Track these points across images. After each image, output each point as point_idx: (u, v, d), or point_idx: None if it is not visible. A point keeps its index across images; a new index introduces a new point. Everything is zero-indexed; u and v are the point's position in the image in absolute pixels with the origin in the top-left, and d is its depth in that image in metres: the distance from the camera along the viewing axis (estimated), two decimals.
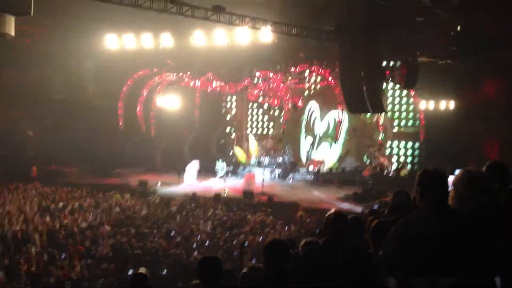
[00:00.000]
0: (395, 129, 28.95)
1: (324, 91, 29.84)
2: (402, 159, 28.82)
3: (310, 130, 32.01)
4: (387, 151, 28.92)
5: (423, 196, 3.25)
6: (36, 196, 21.61)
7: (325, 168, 29.71)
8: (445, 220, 3.11)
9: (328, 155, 30.39)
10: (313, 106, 31.77)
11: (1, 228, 14.81)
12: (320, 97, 30.88)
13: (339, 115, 28.09)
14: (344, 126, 29.30)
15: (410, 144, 28.75)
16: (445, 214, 3.15)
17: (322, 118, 31.41)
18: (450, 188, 3.39)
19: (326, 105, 30.55)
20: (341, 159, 30.35)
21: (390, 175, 27.07)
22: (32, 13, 14.43)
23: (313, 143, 31.47)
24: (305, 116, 32.04)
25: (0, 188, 23.72)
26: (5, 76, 35.96)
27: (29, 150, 31.08)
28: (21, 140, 31.94)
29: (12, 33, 14.96)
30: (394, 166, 28.17)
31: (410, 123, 28.81)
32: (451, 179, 3.45)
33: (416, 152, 28.44)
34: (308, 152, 31.36)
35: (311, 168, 30.05)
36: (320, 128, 31.54)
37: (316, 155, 30.99)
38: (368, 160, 28.39)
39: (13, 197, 21.14)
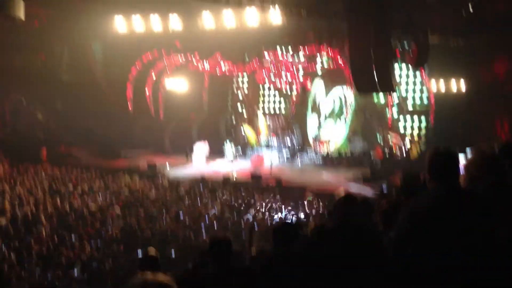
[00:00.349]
0: (407, 107, 28.77)
1: (329, 69, 29.62)
2: (414, 134, 28.64)
3: (316, 109, 31.87)
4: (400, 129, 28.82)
5: (433, 176, 3.18)
6: (46, 178, 21.74)
7: (331, 147, 29.66)
8: (455, 200, 3.05)
9: (334, 134, 30.27)
10: (318, 83, 31.55)
11: (12, 210, 14.93)
12: (325, 75, 30.65)
13: (345, 92, 27.90)
14: (351, 104, 29.05)
15: (420, 121, 28.59)
16: (456, 194, 3.09)
17: (326, 95, 31.23)
18: (462, 168, 3.32)
19: (331, 82, 30.39)
20: (349, 140, 30.20)
21: (401, 155, 26.90)
22: None
23: (319, 122, 31.34)
24: (310, 95, 31.89)
25: (10, 170, 23.91)
26: (14, 59, 35.99)
27: (39, 132, 31.21)
28: (30, 122, 32.08)
29: (22, 16, 14.93)
30: (405, 145, 27.97)
31: (419, 102, 28.58)
32: (461, 158, 3.38)
33: (425, 132, 28.22)
34: (315, 133, 31.24)
35: (318, 148, 29.98)
36: (325, 106, 31.38)
37: (323, 135, 30.89)
38: (380, 138, 28.18)
39: (23, 179, 21.30)
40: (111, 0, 23.40)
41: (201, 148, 28.52)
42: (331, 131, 30.62)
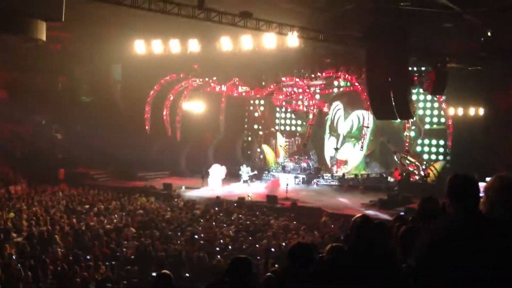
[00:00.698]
0: (426, 126, 28.78)
1: (349, 91, 29.74)
2: (431, 158, 28.58)
3: (334, 130, 31.94)
4: (418, 149, 28.77)
5: (453, 202, 3.19)
6: (63, 198, 21.92)
7: (349, 168, 29.61)
8: (475, 225, 3.05)
9: (352, 155, 30.22)
10: (337, 106, 31.69)
11: (28, 228, 15.06)
12: (345, 97, 30.75)
13: (364, 115, 27.92)
14: (368, 124, 29.02)
15: (438, 145, 28.59)
16: (476, 219, 3.09)
17: (346, 117, 31.34)
18: (481, 194, 3.32)
19: (350, 105, 30.52)
20: (366, 163, 30.18)
21: (418, 179, 26.75)
22: (63, 19, 14.70)
23: (336, 144, 31.41)
24: (329, 116, 31.98)
25: (28, 190, 24.18)
26: (35, 80, 36.66)
27: (57, 153, 31.58)
28: (49, 143, 32.49)
29: (44, 38, 15.27)
30: (421, 171, 27.81)
31: (437, 125, 28.61)
32: (481, 185, 3.38)
33: (442, 150, 28.15)
34: (332, 155, 31.25)
35: (335, 170, 30.00)
36: (343, 128, 31.47)
37: (340, 156, 30.91)
38: (398, 161, 28.10)
39: (40, 198, 21.50)
40: (132, 24, 23.75)
41: (217, 170, 28.59)
42: (348, 152, 30.63)
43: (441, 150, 28.69)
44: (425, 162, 28.02)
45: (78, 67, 35.10)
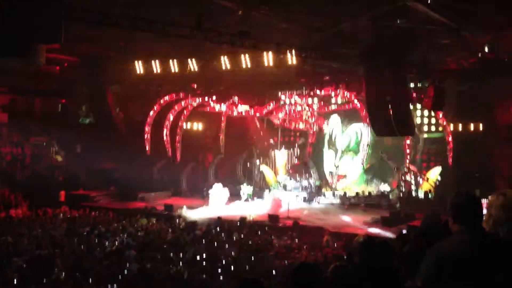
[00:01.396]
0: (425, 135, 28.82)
1: (344, 107, 29.90)
2: (430, 165, 28.64)
3: (332, 144, 32.05)
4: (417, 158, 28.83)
5: (456, 219, 3.17)
6: (64, 220, 21.84)
7: (348, 182, 29.67)
8: (479, 243, 3.03)
9: (351, 169, 30.23)
10: (335, 119, 31.79)
11: (30, 252, 14.97)
12: (342, 110, 30.89)
13: (361, 130, 28.03)
14: (367, 140, 29.05)
15: (437, 160, 28.66)
16: (480, 237, 3.07)
17: (343, 131, 31.45)
18: (484, 211, 3.30)
19: (348, 118, 30.64)
20: (367, 180, 30.18)
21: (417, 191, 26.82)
22: (62, 42, 14.79)
23: (335, 158, 31.51)
24: (327, 131, 32.07)
25: (29, 213, 24.10)
26: (35, 103, 36.85)
27: (58, 175, 31.55)
28: (50, 165, 32.48)
29: (43, 61, 15.34)
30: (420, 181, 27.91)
31: (436, 133, 28.74)
32: (484, 202, 3.37)
33: (441, 171, 28.14)
34: (332, 168, 31.30)
35: (335, 183, 30.05)
36: (341, 142, 31.56)
37: (339, 170, 30.94)
38: (399, 178, 28.11)
39: (41, 221, 21.42)
40: (131, 45, 23.88)
41: (219, 191, 28.49)
42: (347, 166, 30.67)
43: (440, 159, 28.75)
44: (423, 177, 28.03)
45: (77, 89, 35.20)
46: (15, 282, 11.50)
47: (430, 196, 26.39)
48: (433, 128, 29.07)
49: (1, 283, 11.23)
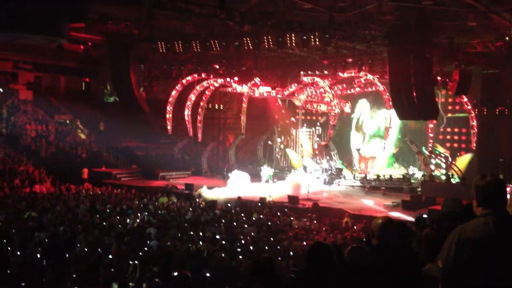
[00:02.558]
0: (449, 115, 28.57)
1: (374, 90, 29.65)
2: (454, 145, 28.40)
3: (360, 129, 31.86)
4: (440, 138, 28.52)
5: (480, 202, 3.13)
6: (87, 197, 22.17)
7: (378, 164, 29.57)
8: (503, 226, 3.00)
9: (380, 151, 30.06)
10: (364, 104, 31.59)
11: (53, 228, 15.24)
12: (371, 95, 30.59)
13: (390, 115, 27.78)
14: (396, 125, 28.82)
15: (461, 130, 28.46)
16: (504, 220, 3.03)
17: (372, 116, 31.24)
18: (508, 196, 3.26)
19: (377, 103, 30.39)
20: (394, 163, 30.15)
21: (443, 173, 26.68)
22: (86, 21, 14.87)
23: (363, 141, 31.40)
24: (355, 115, 31.90)
25: (52, 189, 24.51)
26: (59, 81, 37.26)
27: (81, 152, 31.98)
28: (73, 142, 32.92)
29: (66, 39, 15.47)
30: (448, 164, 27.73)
31: (459, 113, 28.44)
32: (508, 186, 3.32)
33: (465, 138, 27.92)
34: (359, 150, 31.19)
35: (359, 167, 29.95)
36: (370, 127, 31.37)
37: (367, 152, 30.79)
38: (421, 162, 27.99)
39: (64, 197, 21.77)
40: (153, 26, 23.87)
41: (239, 174, 28.57)
42: (376, 149, 30.53)
43: (464, 138, 28.56)
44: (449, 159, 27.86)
45: (100, 67, 35.44)
46: (38, 256, 11.71)
47: (452, 179, 26.11)
48: (457, 107, 28.83)
49: (24, 257, 11.46)
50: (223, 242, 13.93)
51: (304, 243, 14.22)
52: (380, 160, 30.56)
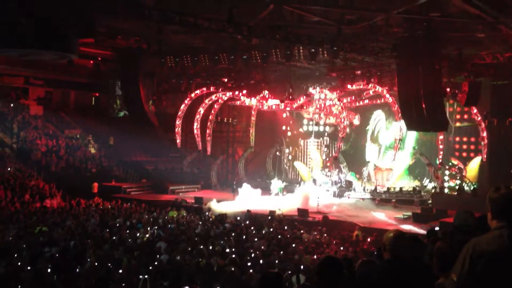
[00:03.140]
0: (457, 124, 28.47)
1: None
2: (463, 154, 28.31)
3: (375, 141, 31.81)
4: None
5: (494, 215, 3.09)
6: (97, 211, 22.21)
7: (394, 176, 29.51)
8: None
9: (397, 163, 29.94)
10: (379, 115, 31.56)
11: (63, 243, 15.26)
12: (386, 106, 30.58)
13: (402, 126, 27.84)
14: (412, 137, 28.67)
15: (470, 139, 28.42)
16: None
17: (387, 128, 31.16)
18: None
19: (392, 114, 30.41)
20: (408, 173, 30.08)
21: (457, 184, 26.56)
22: (94, 36, 14.99)
23: (379, 152, 31.33)
24: (370, 126, 31.86)
25: (63, 203, 24.60)
26: (69, 95, 37.56)
27: (91, 167, 32.12)
28: (83, 157, 33.09)
29: (77, 54, 15.61)
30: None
31: (467, 122, 28.41)
32: None
33: (474, 147, 27.80)
34: (375, 162, 31.10)
35: (377, 177, 29.91)
36: (385, 138, 31.30)
37: (383, 164, 30.69)
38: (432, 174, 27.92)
39: (75, 212, 21.84)
40: (162, 40, 24.07)
41: (249, 189, 28.54)
42: (392, 161, 30.50)
43: (473, 147, 28.46)
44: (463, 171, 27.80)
45: (110, 81, 35.70)
46: (48, 271, 11.72)
47: (466, 187, 26.04)
48: (465, 117, 28.82)
49: (34, 272, 11.47)
50: (233, 256, 13.89)
51: (315, 256, 14.13)
52: (396, 172, 30.43)
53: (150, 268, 12.91)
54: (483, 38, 19.54)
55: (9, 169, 28.55)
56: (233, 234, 17.81)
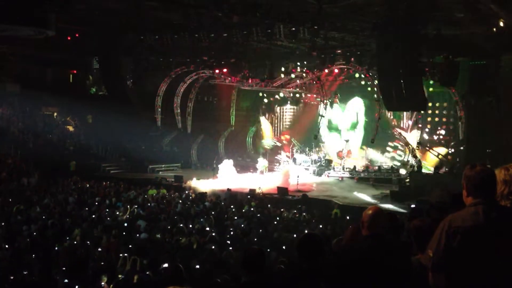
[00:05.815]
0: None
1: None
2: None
3: (333, 127, 32.26)
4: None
5: (470, 192, 3.14)
6: (75, 190, 22.04)
7: (354, 155, 29.91)
8: (493, 215, 3.01)
9: (352, 142, 30.63)
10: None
11: (41, 220, 15.15)
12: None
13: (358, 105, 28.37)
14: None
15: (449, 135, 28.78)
16: (493, 209, 3.05)
17: (343, 110, 31.72)
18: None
19: (344, 97, 30.95)
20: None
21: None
22: (70, 11, 14.73)
23: (340, 136, 31.77)
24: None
25: (40, 182, 24.35)
26: (47, 73, 36.88)
27: (69, 145, 31.76)
28: (61, 135, 32.69)
29: (53, 31, 15.32)
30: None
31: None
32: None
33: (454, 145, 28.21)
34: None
35: (344, 160, 30.21)
36: (342, 123, 31.77)
37: (344, 147, 31.05)
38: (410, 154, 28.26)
39: (53, 190, 21.64)
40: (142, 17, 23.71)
41: (228, 163, 28.58)
42: (351, 142, 30.93)
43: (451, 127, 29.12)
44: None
45: (88, 59, 35.16)
46: (26, 249, 11.66)
47: (439, 170, 26.41)
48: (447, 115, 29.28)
49: (13, 250, 11.40)
50: (213, 234, 13.94)
51: (294, 235, 14.25)
52: (354, 149, 30.96)
53: (130, 246, 12.91)
54: (462, 18, 19.64)
55: None
56: (213, 213, 17.87)
